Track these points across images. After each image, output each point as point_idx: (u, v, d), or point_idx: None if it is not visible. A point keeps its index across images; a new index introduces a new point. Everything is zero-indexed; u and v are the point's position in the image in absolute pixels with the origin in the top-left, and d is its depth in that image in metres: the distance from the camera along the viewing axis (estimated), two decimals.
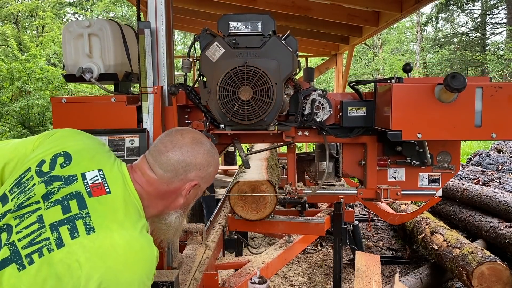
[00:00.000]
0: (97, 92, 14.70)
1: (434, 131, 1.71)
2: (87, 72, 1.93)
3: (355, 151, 2.21)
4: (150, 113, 1.83)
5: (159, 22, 1.84)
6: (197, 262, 2.16)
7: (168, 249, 1.92)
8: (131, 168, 1.27)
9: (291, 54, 1.85)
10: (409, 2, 4.29)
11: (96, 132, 1.79)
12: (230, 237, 2.79)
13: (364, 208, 6.94)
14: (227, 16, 1.85)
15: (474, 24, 23.46)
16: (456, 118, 1.69)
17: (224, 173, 6.67)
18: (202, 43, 1.88)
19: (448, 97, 1.67)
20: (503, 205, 4.47)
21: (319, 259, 4.98)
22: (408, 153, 2.07)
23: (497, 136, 1.69)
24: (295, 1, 5.33)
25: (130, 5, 23.05)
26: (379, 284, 2.50)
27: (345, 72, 7.81)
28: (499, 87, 1.67)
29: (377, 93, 1.96)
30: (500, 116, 1.68)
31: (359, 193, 2.16)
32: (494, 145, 8.47)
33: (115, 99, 1.86)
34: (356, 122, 2.04)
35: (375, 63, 23.41)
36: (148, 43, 1.83)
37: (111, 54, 1.97)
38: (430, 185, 2.14)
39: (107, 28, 1.97)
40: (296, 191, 2.23)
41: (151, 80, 1.84)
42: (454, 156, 2.12)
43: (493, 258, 3.37)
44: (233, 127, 1.91)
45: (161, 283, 1.68)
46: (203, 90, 1.88)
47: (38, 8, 17.67)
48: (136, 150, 1.78)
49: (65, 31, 2.00)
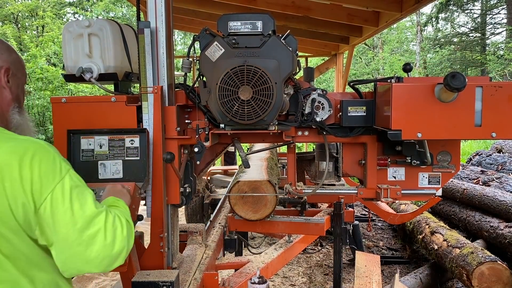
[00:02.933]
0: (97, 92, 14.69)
1: (434, 130, 1.71)
2: (87, 72, 1.92)
3: (355, 150, 2.21)
4: (150, 113, 1.83)
5: (159, 22, 1.84)
6: (197, 262, 2.16)
7: (168, 249, 1.92)
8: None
9: (291, 54, 1.85)
10: (409, 2, 4.30)
11: (96, 132, 1.79)
12: (230, 237, 2.79)
13: (364, 208, 6.95)
14: (227, 16, 1.85)
15: (474, 24, 23.48)
16: (456, 117, 1.69)
17: (224, 173, 6.68)
18: (201, 43, 1.88)
19: (448, 96, 1.68)
20: (503, 205, 4.48)
21: (319, 259, 4.99)
22: (408, 153, 2.08)
23: (497, 136, 1.69)
24: (295, 1, 5.35)
25: (130, 5, 23.05)
26: (379, 284, 2.50)
27: (345, 72, 7.82)
28: (499, 87, 1.68)
29: (377, 92, 1.96)
30: (500, 116, 1.69)
31: (359, 193, 2.16)
32: (494, 145, 8.47)
33: (115, 99, 1.86)
34: (356, 122, 2.04)
35: (375, 63, 23.43)
36: (148, 43, 1.82)
37: (111, 54, 1.96)
38: (430, 185, 2.14)
39: (107, 28, 1.96)
40: (296, 191, 2.23)
41: (151, 80, 1.84)
42: (454, 155, 2.12)
43: (493, 258, 3.37)
44: (233, 127, 1.91)
45: (161, 283, 1.68)
46: (203, 90, 1.88)
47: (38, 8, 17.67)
48: (136, 150, 1.78)
49: (65, 31, 1.99)
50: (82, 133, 1.79)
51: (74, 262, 1.10)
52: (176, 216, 2.07)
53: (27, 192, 1.06)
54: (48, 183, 1.08)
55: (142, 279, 1.69)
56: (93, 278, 4.22)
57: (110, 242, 1.12)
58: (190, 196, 2.00)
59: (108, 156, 1.78)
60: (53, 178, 1.09)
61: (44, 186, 1.07)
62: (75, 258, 1.10)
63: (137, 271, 1.75)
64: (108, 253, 1.12)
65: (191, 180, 2.02)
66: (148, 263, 1.85)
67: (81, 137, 1.78)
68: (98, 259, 1.11)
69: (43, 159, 1.09)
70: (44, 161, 1.09)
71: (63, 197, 1.09)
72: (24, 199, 1.06)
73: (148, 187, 1.82)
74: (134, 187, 1.65)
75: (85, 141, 1.79)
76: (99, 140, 1.79)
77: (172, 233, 1.98)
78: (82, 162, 1.78)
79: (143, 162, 1.77)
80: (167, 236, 1.90)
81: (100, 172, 1.77)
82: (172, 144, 1.90)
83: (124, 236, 1.16)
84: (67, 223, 1.08)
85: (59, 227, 1.07)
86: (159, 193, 1.83)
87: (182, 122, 2.01)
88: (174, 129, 1.88)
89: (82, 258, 1.10)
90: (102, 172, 1.77)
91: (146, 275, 1.73)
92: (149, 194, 1.84)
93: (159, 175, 1.82)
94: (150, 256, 1.86)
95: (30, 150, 1.09)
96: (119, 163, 1.78)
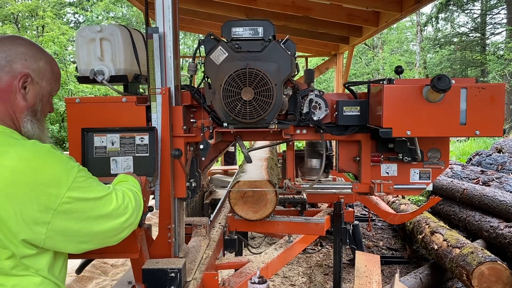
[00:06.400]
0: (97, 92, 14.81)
1: (422, 128, 1.84)
2: (99, 74, 2.05)
3: (350, 148, 2.33)
4: (159, 113, 1.95)
5: (167, 28, 1.96)
6: (202, 252, 2.28)
7: (175, 240, 2.05)
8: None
9: (289, 57, 1.98)
10: (409, 2, 4.32)
11: (108, 130, 1.92)
12: (230, 237, 2.77)
13: (364, 208, 6.93)
14: (230, 23, 1.99)
15: (474, 24, 23.50)
16: (442, 116, 1.82)
17: (224, 173, 6.72)
18: (206, 47, 2.01)
19: (435, 97, 1.81)
20: (503, 205, 4.47)
21: (319, 259, 4.98)
22: (399, 150, 2.20)
23: (480, 133, 1.82)
24: (295, 1, 5.37)
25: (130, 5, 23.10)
26: (379, 284, 2.53)
27: (345, 72, 7.83)
28: (482, 88, 1.80)
29: (370, 93, 2.10)
30: (483, 115, 1.81)
31: (354, 187, 2.29)
32: (494, 145, 8.45)
33: (126, 99, 1.99)
34: (351, 121, 2.16)
35: (375, 63, 23.49)
36: (157, 47, 1.94)
37: (121, 57, 2.09)
38: (421, 180, 2.27)
39: (117, 33, 2.09)
40: (295, 186, 2.36)
41: (159, 82, 1.96)
42: (444, 152, 2.24)
43: (493, 258, 3.37)
44: (235, 125, 2.04)
45: (170, 270, 1.81)
46: (208, 91, 2.01)
47: (38, 8, 17.69)
48: (146, 147, 1.91)
49: (78, 36, 2.12)
50: (95, 131, 1.91)
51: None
52: (182, 209, 2.20)
53: (40, 195, 1.10)
54: (62, 183, 1.14)
55: (152, 266, 1.83)
56: (93, 278, 4.24)
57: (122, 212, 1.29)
58: (195, 190, 2.13)
59: (120, 152, 1.91)
60: (66, 177, 1.16)
61: (59, 186, 1.13)
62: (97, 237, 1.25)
63: (147, 259, 1.89)
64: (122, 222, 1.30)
65: (197, 176, 2.15)
66: (156, 252, 1.98)
67: (94, 135, 1.91)
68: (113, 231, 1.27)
69: (54, 161, 1.16)
70: (55, 163, 1.16)
71: (78, 192, 1.17)
72: (38, 202, 1.10)
73: (156, 182, 1.95)
74: (145, 180, 1.78)
75: (98, 139, 1.92)
76: (111, 137, 1.92)
77: (179, 224, 2.11)
78: (95, 158, 1.90)
79: (152, 158, 1.89)
80: (174, 228, 2.04)
81: (112, 168, 1.90)
82: (179, 141, 2.03)
83: (133, 207, 1.32)
84: (86, 211, 1.20)
85: (78, 218, 1.18)
86: (167, 187, 1.96)
87: (188, 121, 2.13)
88: (180, 128, 2.01)
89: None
90: (114, 167, 1.90)
91: (155, 263, 1.86)
92: (158, 188, 1.96)
93: (167, 170, 1.95)
94: (159, 246, 1.99)
95: (39, 153, 1.14)
96: (129, 159, 1.91)
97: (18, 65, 1.24)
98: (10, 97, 1.24)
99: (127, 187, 1.39)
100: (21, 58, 1.25)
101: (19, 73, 1.25)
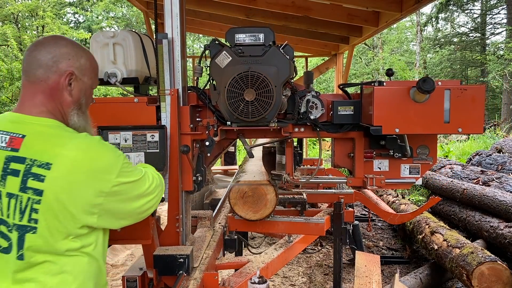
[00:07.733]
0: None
1: (410, 126, 2.01)
2: (112, 76, 2.22)
3: (345, 145, 2.50)
4: (168, 112, 2.12)
5: (175, 33, 2.13)
6: (207, 242, 2.45)
7: (182, 230, 2.22)
8: (19, 105, 1.35)
9: (288, 61, 2.15)
10: (409, 2, 4.39)
11: (121, 128, 2.09)
12: (230, 237, 2.78)
13: (364, 208, 6.88)
14: (234, 29, 2.16)
15: (474, 24, 23.57)
16: (428, 115, 1.99)
17: (224, 173, 6.78)
18: (211, 51, 2.18)
19: (421, 97, 1.97)
20: (503, 205, 4.46)
21: (319, 259, 4.97)
22: (390, 147, 2.36)
23: (463, 131, 1.99)
24: (295, 1, 5.41)
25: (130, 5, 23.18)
26: (379, 284, 2.56)
27: (345, 72, 7.88)
28: (464, 89, 1.97)
29: (363, 94, 2.27)
30: (465, 114, 1.99)
31: (349, 181, 2.47)
32: (494, 145, 8.43)
33: (137, 100, 2.16)
34: (345, 120, 2.33)
35: (375, 63, 23.59)
36: (166, 51, 2.11)
37: (133, 61, 2.26)
38: (411, 175, 2.43)
39: (129, 38, 2.26)
40: (293, 180, 2.53)
41: (168, 84, 2.13)
42: (432, 149, 2.41)
43: (493, 258, 3.36)
44: (238, 124, 2.21)
45: (179, 256, 1.98)
46: (213, 92, 2.18)
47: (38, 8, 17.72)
48: (156, 144, 2.08)
49: (93, 41, 2.29)
50: (109, 129, 2.08)
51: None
52: (189, 201, 2.37)
53: (96, 180, 1.26)
54: (113, 169, 1.31)
55: (162, 252, 2.00)
56: None
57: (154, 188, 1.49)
58: (201, 184, 2.30)
59: (132, 149, 2.08)
60: (116, 164, 1.32)
61: (110, 172, 1.30)
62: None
63: (157, 247, 2.06)
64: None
65: (202, 170, 2.32)
66: (166, 241, 2.15)
67: (109, 132, 2.08)
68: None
69: (106, 150, 1.33)
70: (107, 152, 1.33)
71: (124, 177, 1.34)
72: (94, 186, 1.25)
73: (166, 176, 2.13)
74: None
75: (112, 136, 2.09)
76: (124, 135, 2.09)
77: (186, 215, 2.29)
78: None
79: (162, 154, 2.06)
80: (182, 218, 2.21)
81: None
82: (186, 138, 2.20)
83: (158, 185, 1.52)
84: (128, 192, 1.37)
85: (122, 199, 1.35)
86: (175, 181, 2.13)
87: (194, 120, 2.31)
88: (188, 126, 2.18)
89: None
90: None
91: (165, 249, 2.03)
92: (167, 182, 2.13)
93: (175, 165, 2.12)
94: (168, 235, 2.17)
95: (93, 144, 1.31)
96: (141, 155, 2.08)
97: (63, 65, 1.36)
98: (58, 94, 1.36)
99: (151, 171, 1.57)
100: (66, 57, 1.36)
101: (64, 72, 1.36)
